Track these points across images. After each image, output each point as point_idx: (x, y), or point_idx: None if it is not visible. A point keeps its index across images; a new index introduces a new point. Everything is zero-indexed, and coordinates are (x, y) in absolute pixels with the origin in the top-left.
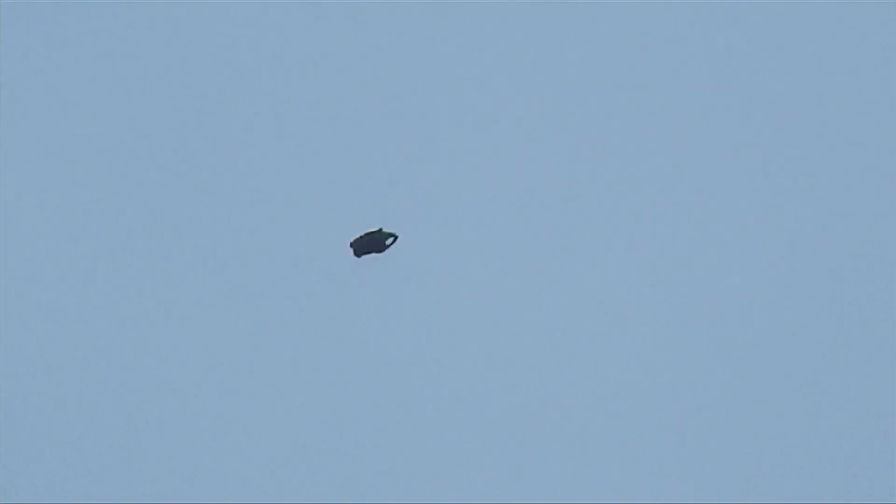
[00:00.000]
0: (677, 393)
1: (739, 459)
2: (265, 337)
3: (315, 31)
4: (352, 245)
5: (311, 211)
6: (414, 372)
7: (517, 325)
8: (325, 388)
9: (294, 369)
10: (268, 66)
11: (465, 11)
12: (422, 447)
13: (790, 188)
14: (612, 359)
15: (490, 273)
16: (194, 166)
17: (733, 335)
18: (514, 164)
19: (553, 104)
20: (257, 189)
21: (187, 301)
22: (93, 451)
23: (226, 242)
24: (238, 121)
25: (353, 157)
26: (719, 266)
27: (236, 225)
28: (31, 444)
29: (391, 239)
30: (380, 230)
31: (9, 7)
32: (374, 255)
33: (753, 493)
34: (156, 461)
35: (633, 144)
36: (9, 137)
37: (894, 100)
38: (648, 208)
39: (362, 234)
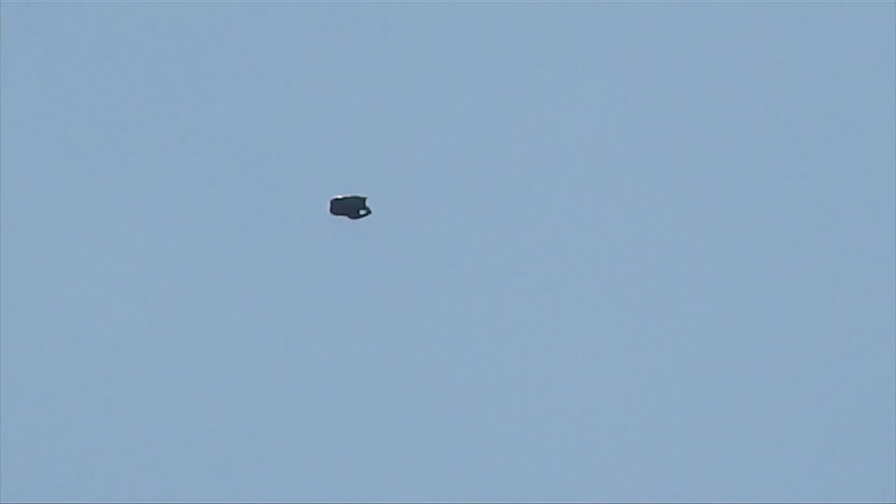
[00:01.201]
0: (678, 393)
1: (740, 460)
2: (254, 329)
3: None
4: (332, 202)
5: (299, 203)
6: (404, 368)
7: (514, 322)
8: (318, 383)
9: (284, 363)
10: (263, 59)
11: (465, 12)
12: (415, 445)
13: (793, 191)
14: (610, 357)
15: (492, 270)
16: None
17: (734, 338)
18: (516, 162)
19: (552, 103)
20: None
21: (176, 294)
22: (92, 451)
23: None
24: (237, 118)
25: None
26: (721, 268)
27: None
28: (31, 444)
29: (365, 211)
30: (363, 199)
31: (8, 7)
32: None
33: (753, 493)
34: (154, 459)
35: (634, 144)
36: (9, 137)
37: (894, 100)
38: (648, 208)
39: (346, 195)
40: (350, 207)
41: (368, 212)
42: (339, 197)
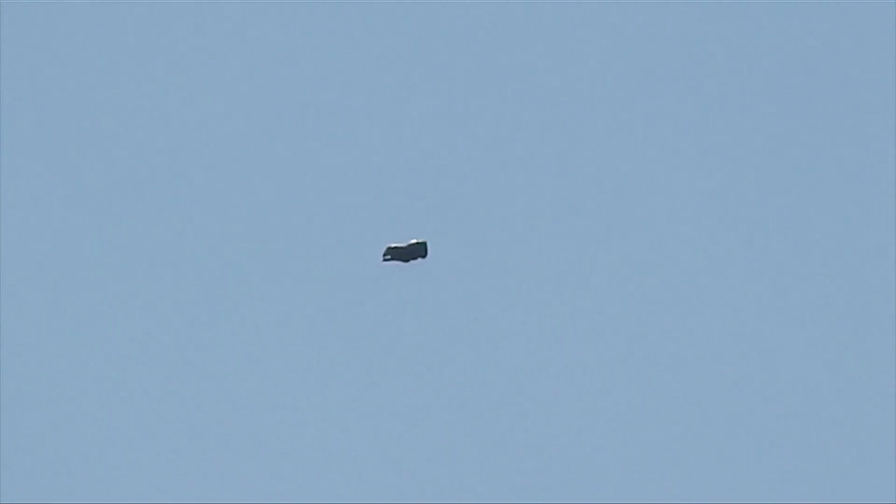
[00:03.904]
0: (681, 394)
1: (741, 460)
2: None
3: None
4: (388, 252)
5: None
6: (422, 373)
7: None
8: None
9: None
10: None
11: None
12: (421, 448)
13: (793, 192)
14: (616, 360)
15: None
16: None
17: (737, 339)
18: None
19: (562, 105)
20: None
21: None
22: (92, 451)
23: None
24: (242, 121)
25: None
26: (723, 269)
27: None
28: (31, 444)
29: (421, 256)
30: (424, 244)
31: (9, 7)
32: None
33: (754, 493)
34: (156, 460)
35: (639, 147)
36: (9, 137)
37: (894, 101)
38: (650, 209)
39: (405, 244)
40: (407, 254)
41: (424, 255)
42: (396, 245)
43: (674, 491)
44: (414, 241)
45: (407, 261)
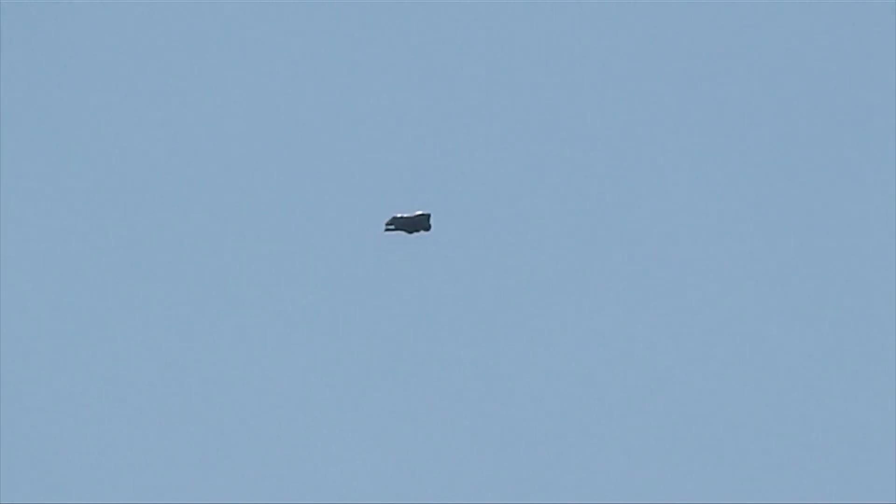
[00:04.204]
0: (686, 395)
1: (743, 461)
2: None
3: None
4: (392, 221)
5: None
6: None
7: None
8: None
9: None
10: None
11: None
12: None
13: (793, 194)
14: (622, 361)
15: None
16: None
17: (741, 342)
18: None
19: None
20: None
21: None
22: (91, 451)
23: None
24: (247, 120)
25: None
26: (728, 273)
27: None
28: (31, 444)
29: (424, 228)
30: (427, 216)
31: (9, 7)
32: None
33: (754, 493)
34: (158, 460)
35: (641, 150)
36: (9, 138)
37: (893, 103)
38: (654, 212)
39: (410, 215)
40: (410, 225)
41: (428, 229)
42: (401, 216)
43: (674, 491)
44: (419, 212)
45: (410, 232)
